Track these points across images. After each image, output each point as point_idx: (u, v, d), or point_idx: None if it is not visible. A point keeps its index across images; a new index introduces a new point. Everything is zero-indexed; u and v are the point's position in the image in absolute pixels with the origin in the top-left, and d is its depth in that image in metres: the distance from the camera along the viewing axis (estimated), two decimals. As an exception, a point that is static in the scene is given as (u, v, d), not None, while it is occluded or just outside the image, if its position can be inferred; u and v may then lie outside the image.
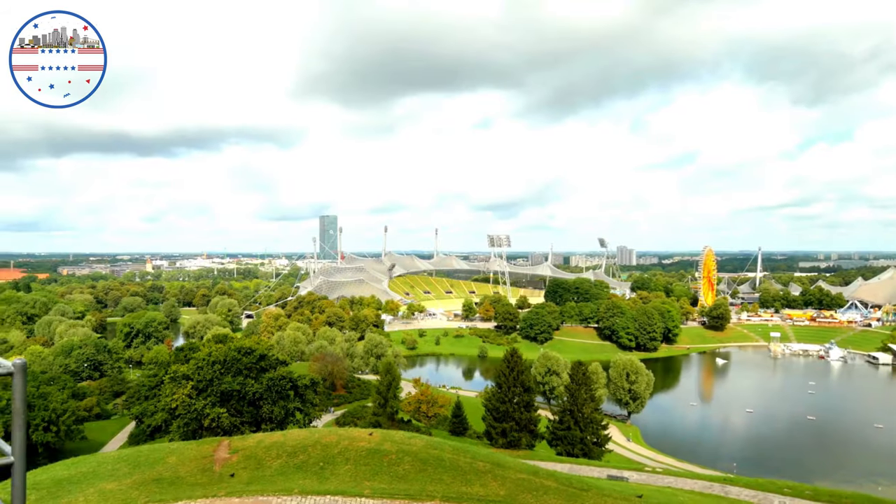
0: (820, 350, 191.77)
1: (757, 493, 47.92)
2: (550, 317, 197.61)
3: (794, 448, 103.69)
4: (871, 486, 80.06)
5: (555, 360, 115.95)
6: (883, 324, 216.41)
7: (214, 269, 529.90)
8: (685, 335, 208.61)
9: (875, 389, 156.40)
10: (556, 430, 67.60)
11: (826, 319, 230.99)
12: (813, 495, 47.75)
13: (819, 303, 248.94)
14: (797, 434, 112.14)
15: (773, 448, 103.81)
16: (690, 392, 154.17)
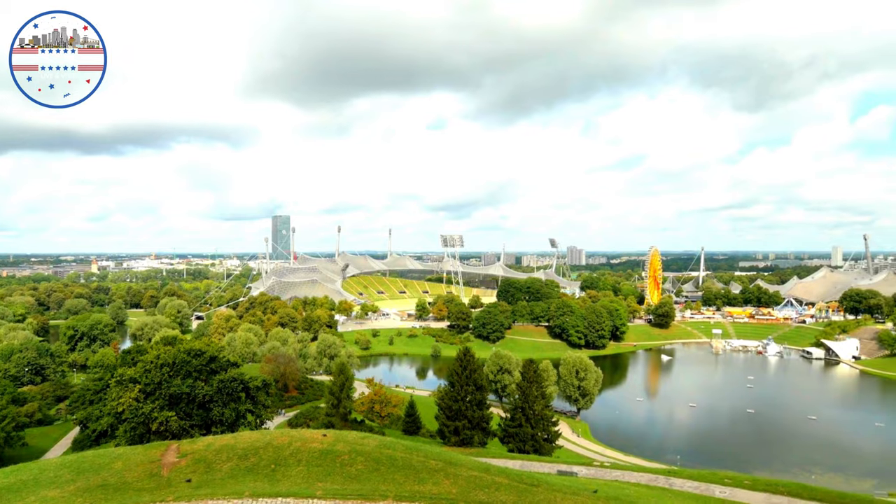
0: (758, 346, 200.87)
1: (699, 485, 50.01)
2: (502, 316, 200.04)
3: (735, 440, 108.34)
4: (806, 475, 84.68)
5: (507, 358, 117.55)
6: (816, 320, 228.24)
7: (163, 270, 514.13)
8: (632, 333, 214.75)
9: (809, 383, 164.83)
10: (507, 428, 68.71)
11: (764, 316, 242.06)
12: (751, 485, 50.18)
13: (758, 301, 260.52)
14: (737, 426, 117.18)
15: (715, 440, 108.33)
16: (637, 388, 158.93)
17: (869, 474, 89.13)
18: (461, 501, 28.62)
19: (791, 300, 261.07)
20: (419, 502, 28.19)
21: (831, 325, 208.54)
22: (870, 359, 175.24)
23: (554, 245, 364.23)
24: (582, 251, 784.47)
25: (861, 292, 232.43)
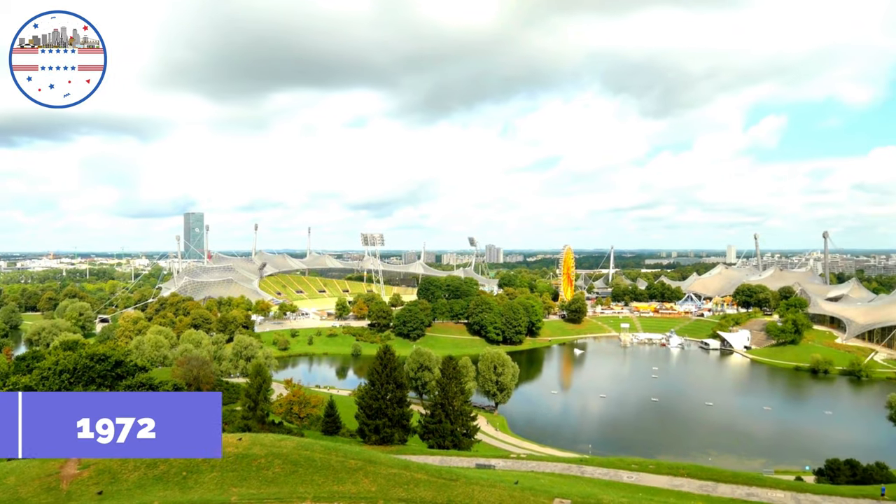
0: (662, 338, 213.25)
1: (609, 471, 52.81)
2: (423, 314, 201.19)
3: (641, 427, 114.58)
4: (704, 458, 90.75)
5: (427, 355, 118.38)
6: (713, 314, 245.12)
7: (63, 270, 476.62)
8: (547, 328, 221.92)
9: (707, 372, 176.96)
10: (427, 424, 69.44)
11: (667, 311, 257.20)
12: (655, 469, 53.57)
13: (661, 296, 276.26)
14: (644, 414, 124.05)
15: (624, 429, 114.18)
16: (552, 381, 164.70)
17: (759, 454, 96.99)
18: (380, 499, 28.88)
19: (691, 295, 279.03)
20: (338, 502, 28.19)
21: (726, 317, 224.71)
22: (759, 348, 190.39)
23: (473, 244, 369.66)
24: (500, 249, 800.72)
25: (751, 287, 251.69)
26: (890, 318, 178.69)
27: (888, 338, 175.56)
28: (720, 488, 47.76)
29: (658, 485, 48.58)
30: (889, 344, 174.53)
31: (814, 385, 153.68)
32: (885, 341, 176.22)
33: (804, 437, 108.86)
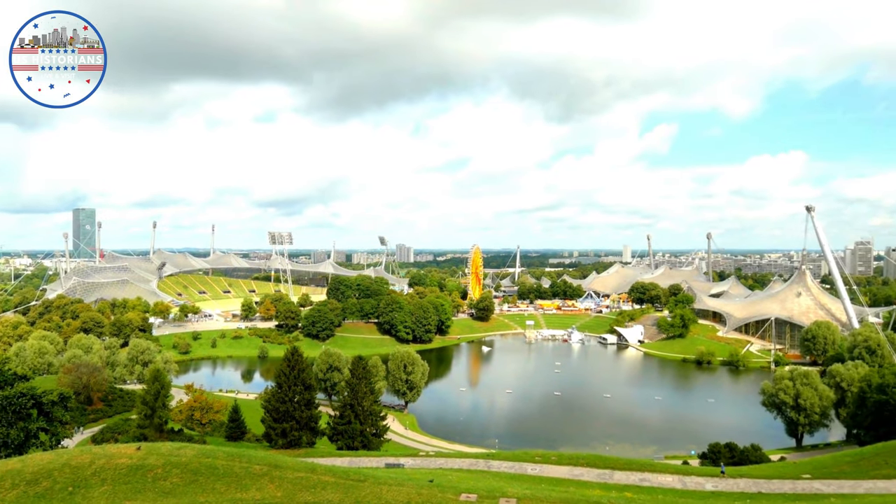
0: (564, 334, 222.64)
1: (514, 464, 54.61)
2: (332, 314, 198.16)
3: (546, 421, 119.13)
4: (602, 447, 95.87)
5: (336, 356, 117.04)
6: (611, 310, 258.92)
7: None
8: (456, 326, 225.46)
9: (605, 365, 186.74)
10: (336, 426, 68.67)
11: (569, 308, 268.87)
12: (557, 460, 55.98)
13: (564, 294, 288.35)
14: (547, 408, 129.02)
15: (529, 422, 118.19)
16: (461, 378, 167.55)
17: (651, 441, 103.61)
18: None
19: (591, 293, 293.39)
20: (243, 509, 27.47)
21: (622, 314, 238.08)
22: (651, 342, 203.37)
23: (384, 243, 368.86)
24: (410, 249, 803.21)
25: (644, 285, 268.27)
26: (763, 313, 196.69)
27: (761, 330, 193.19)
28: (616, 475, 50.75)
29: (560, 475, 50.86)
30: (762, 336, 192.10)
31: (699, 375, 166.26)
32: (758, 333, 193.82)
33: (690, 424, 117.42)
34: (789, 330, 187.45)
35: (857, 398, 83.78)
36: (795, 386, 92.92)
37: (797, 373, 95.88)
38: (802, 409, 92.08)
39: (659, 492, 45.15)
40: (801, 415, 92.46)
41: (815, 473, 53.99)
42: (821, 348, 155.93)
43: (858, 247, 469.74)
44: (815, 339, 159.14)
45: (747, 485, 49.41)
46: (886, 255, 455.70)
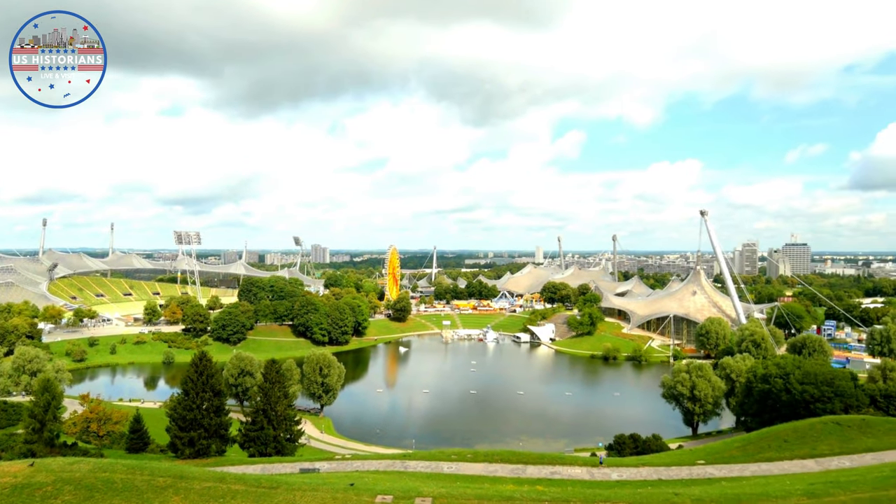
0: (479, 334, 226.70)
1: (430, 464, 55.03)
2: (244, 316, 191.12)
3: (462, 419, 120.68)
4: (516, 443, 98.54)
5: (248, 360, 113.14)
6: (524, 309, 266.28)
7: None
8: (373, 327, 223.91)
9: (518, 363, 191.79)
10: (248, 432, 66.37)
11: (484, 308, 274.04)
12: (473, 457, 56.96)
13: (479, 294, 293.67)
14: (464, 407, 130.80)
15: (446, 422, 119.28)
16: (378, 380, 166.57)
17: (562, 435, 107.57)
18: (194, 516, 27.30)
19: (505, 293, 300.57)
20: (145, 525, 26.11)
21: (535, 313, 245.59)
22: (562, 339, 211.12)
23: (298, 243, 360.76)
24: (326, 249, 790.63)
25: (556, 284, 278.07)
26: (663, 310, 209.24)
27: (661, 327, 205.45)
28: (529, 470, 52.35)
29: (475, 472, 51.81)
30: (662, 332, 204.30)
31: (606, 370, 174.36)
32: (659, 330, 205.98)
33: (599, 418, 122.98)
34: (686, 326, 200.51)
35: (745, 388, 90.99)
36: (691, 378, 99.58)
37: (693, 366, 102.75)
38: (697, 400, 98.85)
39: (569, 483, 47.04)
40: (697, 405, 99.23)
41: (709, 459, 58.22)
42: (713, 343, 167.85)
43: (745, 248, 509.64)
44: (708, 334, 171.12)
45: (649, 472, 52.50)
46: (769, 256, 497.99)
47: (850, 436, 59.74)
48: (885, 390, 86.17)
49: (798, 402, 77.19)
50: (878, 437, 58.53)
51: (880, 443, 57.06)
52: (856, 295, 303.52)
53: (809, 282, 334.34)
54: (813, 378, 78.47)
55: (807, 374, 79.50)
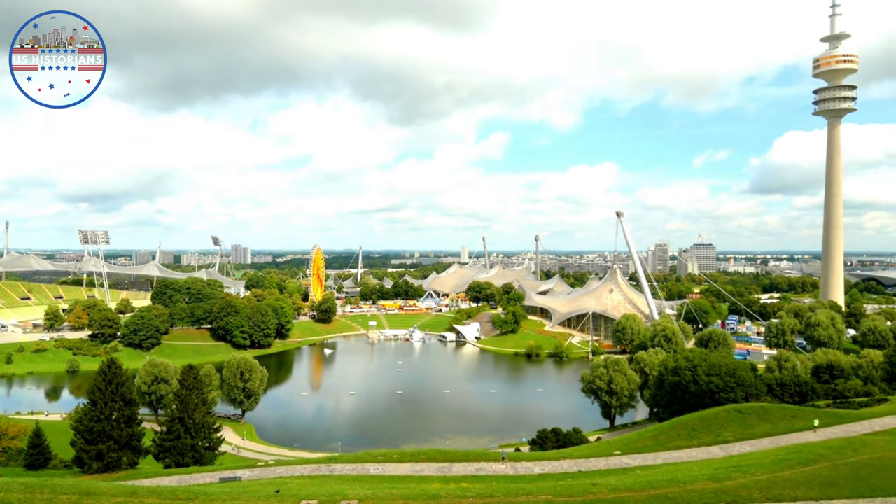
0: (406, 334, 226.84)
1: (356, 466, 54.67)
2: (158, 320, 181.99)
3: (389, 420, 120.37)
4: (442, 441, 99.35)
5: (163, 366, 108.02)
6: (450, 309, 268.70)
7: None
8: (297, 329, 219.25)
9: (444, 362, 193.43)
10: (163, 442, 63.43)
11: (411, 308, 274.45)
12: (399, 458, 57.06)
13: (406, 294, 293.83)
14: (391, 407, 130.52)
15: (372, 423, 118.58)
16: (302, 383, 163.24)
17: (487, 432, 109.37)
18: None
19: (431, 292, 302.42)
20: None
21: (460, 312, 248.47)
22: (487, 338, 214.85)
23: (217, 243, 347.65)
24: (247, 249, 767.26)
25: (481, 284, 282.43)
26: (582, 308, 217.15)
27: (581, 324, 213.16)
28: (455, 468, 53.09)
29: (402, 472, 51.98)
30: (582, 329, 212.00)
31: (529, 367, 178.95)
32: (579, 327, 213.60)
33: (523, 413, 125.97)
34: (604, 323, 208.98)
35: (657, 381, 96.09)
36: (609, 373, 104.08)
37: (610, 361, 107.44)
38: (614, 394, 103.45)
39: (493, 479, 48.09)
40: (614, 398, 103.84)
41: (624, 449, 61.11)
42: (629, 338, 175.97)
43: (658, 248, 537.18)
44: (624, 330, 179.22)
45: (569, 465, 54.52)
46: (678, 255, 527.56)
47: (750, 422, 64.39)
48: (780, 379, 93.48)
49: (705, 392, 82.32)
50: (774, 423, 63.45)
51: (776, 428, 61.88)
52: (755, 291, 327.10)
53: (714, 279, 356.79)
54: (718, 370, 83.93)
55: (712, 366, 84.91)
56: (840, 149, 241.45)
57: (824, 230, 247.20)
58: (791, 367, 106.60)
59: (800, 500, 34.49)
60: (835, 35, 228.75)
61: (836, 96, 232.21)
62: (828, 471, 40.87)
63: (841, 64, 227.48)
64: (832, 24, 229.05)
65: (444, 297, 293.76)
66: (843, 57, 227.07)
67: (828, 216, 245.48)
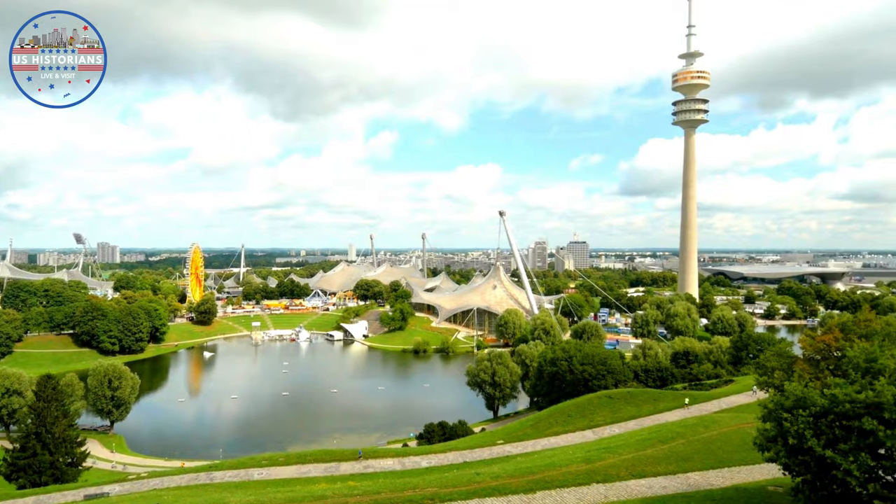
0: (292, 334, 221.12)
1: (239, 472, 53.19)
2: (9, 326, 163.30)
3: (275, 423, 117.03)
4: (330, 441, 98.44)
5: (16, 377, 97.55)
6: (337, 307, 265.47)
7: None
8: (174, 332, 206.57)
9: (332, 361, 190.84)
10: (16, 461, 57.83)
11: (297, 307, 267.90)
12: (285, 460, 56.24)
13: (291, 293, 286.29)
14: (276, 410, 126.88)
15: (257, 427, 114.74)
16: (179, 389, 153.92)
17: (376, 429, 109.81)
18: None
19: (318, 291, 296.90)
20: None
21: (348, 310, 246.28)
22: (375, 335, 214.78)
23: (80, 241, 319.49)
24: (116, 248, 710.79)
25: (368, 282, 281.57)
26: (467, 304, 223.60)
27: (466, 319, 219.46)
28: (342, 467, 53.29)
29: (287, 475, 51.37)
30: (467, 324, 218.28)
31: (416, 363, 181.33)
32: (464, 322, 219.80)
33: (411, 409, 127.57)
34: (488, 318, 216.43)
35: (537, 371, 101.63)
36: (492, 366, 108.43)
37: (493, 354, 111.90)
38: (498, 385, 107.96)
39: (381, 476, 48.96)
40: (497, 390, 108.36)
41: (507, 438, 64.47)
42: (511, 332, 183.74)
43: (537, 246, 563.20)
44: (506, 324, 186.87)
45: (455, 457, 56.66)
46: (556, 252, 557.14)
47: (618, 407, 70.35)
48: (644, 366, 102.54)
49: (579, 380, 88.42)
50: (639, 406, 69.81)
51: (641, 411, 68.14)
52: (623, 286, 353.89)
53: (588, 275, 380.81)
54: (591, 359, 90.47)
55: (586, 356, 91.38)
56: (694, 156, 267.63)
57: (681, 229, 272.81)
58: (654, 354, 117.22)
59: (660, 474, 38.40)
60: (690, 53, 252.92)
61: (691, 108, 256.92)
62: (684, 447, 45.90)
63: (695, 79, 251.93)
64: (688, 43, 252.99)
65: (331, 296, 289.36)
66: (697, 73, 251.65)
67: (684, 217, 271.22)
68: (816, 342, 45.89)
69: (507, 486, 36.25)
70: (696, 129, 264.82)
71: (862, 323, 49.95)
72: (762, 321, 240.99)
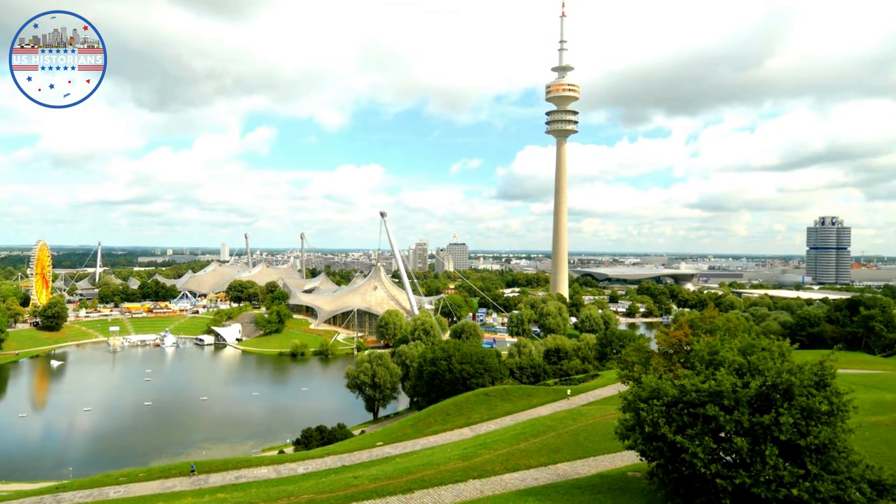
0: (156, 339, 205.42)
1: (92, 491, 48.54)
2: None
3: (135, 436, 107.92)
4: (199, 452, 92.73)
5: None
6: (208, 310, 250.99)
7: None
8: (15, 339, 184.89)
9: (201, 367, 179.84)
10: None
11: (162, 310, 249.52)
12: (147, 475, 52.17)
13: (156, 295, 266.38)
14: (137, 422, 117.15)
15: (115, 441, 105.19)
16: (21, 402, 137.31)
17: (249, 437, 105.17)
18: None
19: (186, 293, 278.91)
20: None
21: (220, 313, 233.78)
22: (249, 339, 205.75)
23: None
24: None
25: (243, 283, 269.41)
26: (347, 305, 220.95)
27: (346, 321, 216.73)
28: (212, 479, 50.46)
29: (149, 492, 47.79)
30: (348, 326, 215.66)
31: (294, 367, 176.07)
32: (344, 324, 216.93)
33: (287, 414, 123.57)
34: (368, 319, 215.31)
35: (417, 371, 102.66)
36: (372, 367, 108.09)
37: (374, 355, 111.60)
38: (378, 386, 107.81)
39: (254, 485, 47.00)
40: (377, 391, 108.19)
41: (386, 440, 64.53)
42: (392, 333, 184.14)
43: (418, 247, 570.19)
44: (387, 325, 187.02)
45: (333, 461, 55.73)
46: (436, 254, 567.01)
47: (494, 404, 72.91)
48: (519, 363, 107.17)
49: (458, 379, 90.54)
50: (514, 402, 72.83)
51: (516, 406, 71.11)
52: (500, 286, 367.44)
53: (467, 276, 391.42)
54: (469, 358, 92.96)
55: (464, 355, 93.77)
56: (565, 164, 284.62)
57: (554, 233, 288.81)
58: (528, 352, 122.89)
59: (532, 466, 40.32)
60: (562, 66, 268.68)
61: (563, 119, 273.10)
62: (554, 439, 48.52)
63: (566, 92, 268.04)
64: (560, 57, 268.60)
65: (201, 298, 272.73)
66: (568, 86, 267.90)
67: (556, 221, 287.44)
68: (669, 338, 50.59)
69: (386, 488, 36.32)
70: (567, 139, 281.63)
71: (707, 319, 55.83)
72: (624, 319, 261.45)
